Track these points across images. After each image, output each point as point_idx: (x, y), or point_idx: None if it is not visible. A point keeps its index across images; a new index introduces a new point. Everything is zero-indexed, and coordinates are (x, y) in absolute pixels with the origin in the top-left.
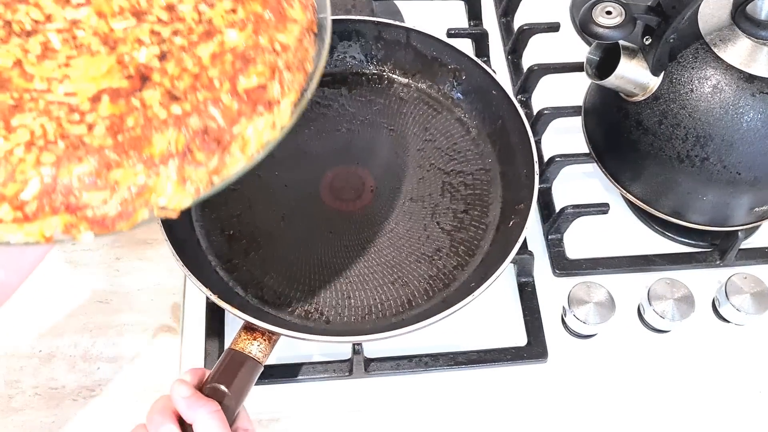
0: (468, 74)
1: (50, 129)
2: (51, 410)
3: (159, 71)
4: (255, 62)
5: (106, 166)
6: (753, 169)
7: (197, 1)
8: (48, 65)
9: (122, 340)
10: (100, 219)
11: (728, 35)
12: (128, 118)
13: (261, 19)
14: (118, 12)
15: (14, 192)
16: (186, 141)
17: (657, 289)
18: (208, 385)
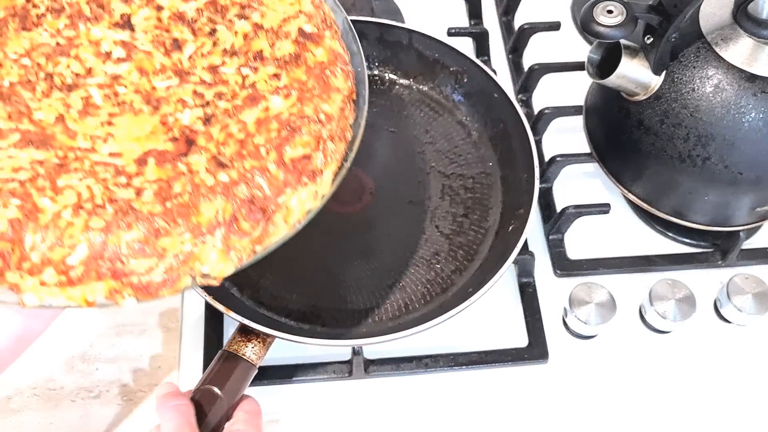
0: (470, 77)
1: (97, 192)
2: (49, 411)
3: (204, 135)
4: (301, 132)
5: (155, 233)
6: (754, 169)
7: (240, 64)
8: (90, 122)
9: (121, 341)
10: (144, 286)
11: (730, 34)
12: (175, 184)
13: (305, 87)
14: (160, 70)
15: (61, 256)
16: (233, 210)
17: (658, 290)
18: (201, 386)
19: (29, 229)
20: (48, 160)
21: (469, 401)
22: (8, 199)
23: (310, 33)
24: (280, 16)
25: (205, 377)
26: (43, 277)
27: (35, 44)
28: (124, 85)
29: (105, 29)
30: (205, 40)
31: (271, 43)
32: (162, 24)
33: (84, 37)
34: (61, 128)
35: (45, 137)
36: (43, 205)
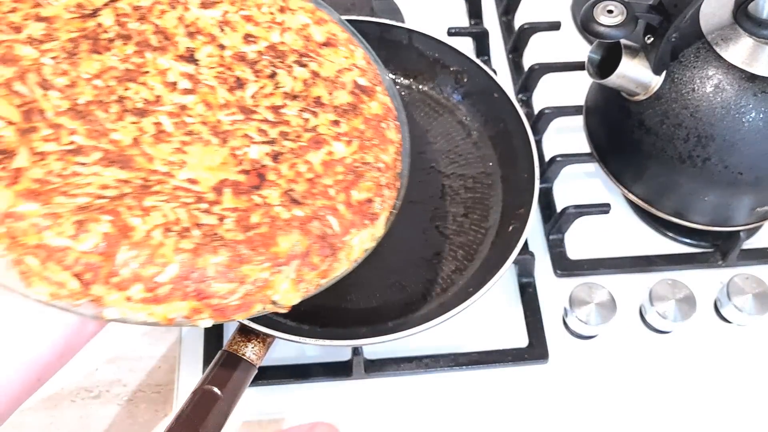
0: (470, 76)
1: (183, 216)
2: (49, 411)
3: (274, 171)
4: (364, 177)
5: (239, 260)
6: (754, 170)
7: (301, 108)
8: (164, 148)
9: (121, 341)
10: (222, 308)
11: (730, 34)
12: (253, 215)
13: (364, 137)
14: (224, 105)
15: (151, 274)
16: (308, 244)
17: (658, 290)
18: (201, 386)
19: (123, 245)
20: (132, 181)
21: (469, 401)
22: (99, 215)
23: (364, 86)
24: (335, 66)
25: (205, 377)
26: (129, 293)
27: (105, 67)
28: (192, 116)
29: (171, 60)
30: (266, 82)
31: (329, 92)
32: (224, 62)
33: (151, 65)
34: (139, 151)
35: (125, 158)
36: (133, 223)
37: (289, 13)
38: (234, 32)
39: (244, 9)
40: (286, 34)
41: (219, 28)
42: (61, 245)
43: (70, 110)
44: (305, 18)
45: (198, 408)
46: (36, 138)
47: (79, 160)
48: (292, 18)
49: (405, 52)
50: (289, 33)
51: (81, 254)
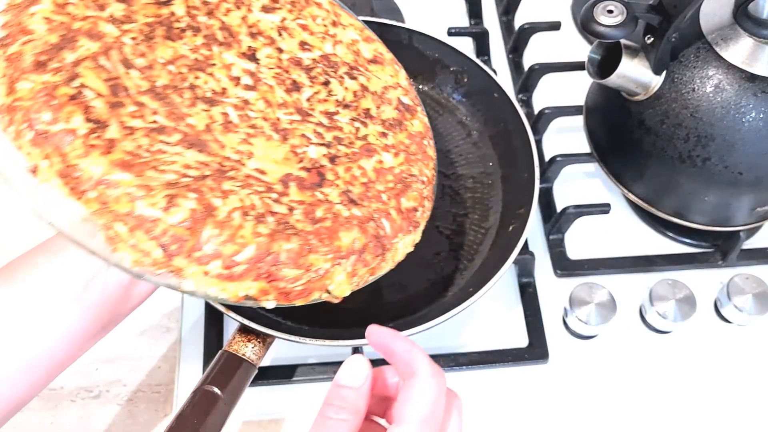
0: (470, 76)
1: (257, 202)
2: (49, 411)
3: (332, 172)
4: (411, 188)
5: (308, 249)
6: (754, 170)
7: (352, 117)
8: (232, 138)
9: (121, 341)
10: (287, 292)
11: (730, 34)
12: (317, 210)
13: (410, 151)
14: (282, 104)
15: (230, 253)
16: (365, 242)
17: (658, 290)
18: (202, 386)
19: (208, 223)
20: (210, 164)
21: (469, 401)
22: (186, 192)
23: (408, 105)
24: (382, 83)
25: (205, 377)
26: (208, 268)
27: (177, 55)
28: (254, 111)
29: (235, 56)
30: (320, 88)
31: (376, 105)
32: (282, 65)
33: (218, 59)
34: (212, 137)
35: (202, 142)
36: (216, 204)
37: (341, 27)
38: (291, 38)
39: (300, 18)
40: (338, 46)
41: (278, 32)
42: (152, 216)
43: (149, 91)
44: (355, 34)
45: (198, 408)
46: (124, 113)
47: (163, 139)
48: (343, 32)
49: (405, 52)
50: (340, 46)
51: (170, 227)
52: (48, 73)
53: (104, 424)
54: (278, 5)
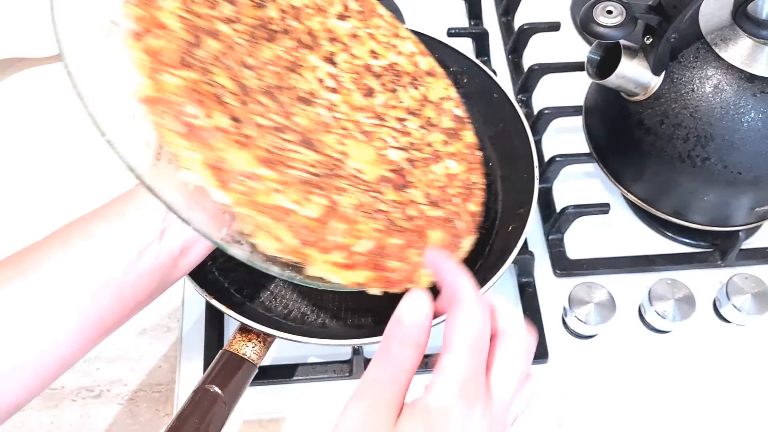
0: (469, 77)
1: (368, 200)
2: (50, 411)
3: (411, 175)
4: (474, 194)
5: (410, 244)
6: (754, 169)
7: (420, 125)
8: (330, 138)
9: (121, 341)
10: (391, 281)
11: (729, 35)
12: (408, 209)
13: (468, 159)
14: (361, 108)
15: (349, 244)
16: (447, 242)
17: (658, 290)
18: (202, 386)
19: (334, 217)
20: (322, 163)
21: None
22: (315, 190)
23: (460, 116)
24: (438, 94)
25: (206, 377)
26: (332, 257)
27: (275, 56)
28: (340, 113)
29: (318, 59)
30: (390, 95)
31: (437, 114)
32: (356, 69)
33: (305, 61)
34: (316, 137)
35: (311, 141)
36: (337, 200)
37: (400, 39)
38: (362, 45)
39: (368, 27)
40: (400, 57)
41: (351, 38)
42: (290, 208)
43: (264, 90)
44: (413, 47)
45: (199, 408)
46: (252, 111)
47: (285, 137)
48: (402, 44)
49: None
50: (402, 57)
51: (304, 218)
52: (191, 70)
53: (105, 424)
54: (349, 14)
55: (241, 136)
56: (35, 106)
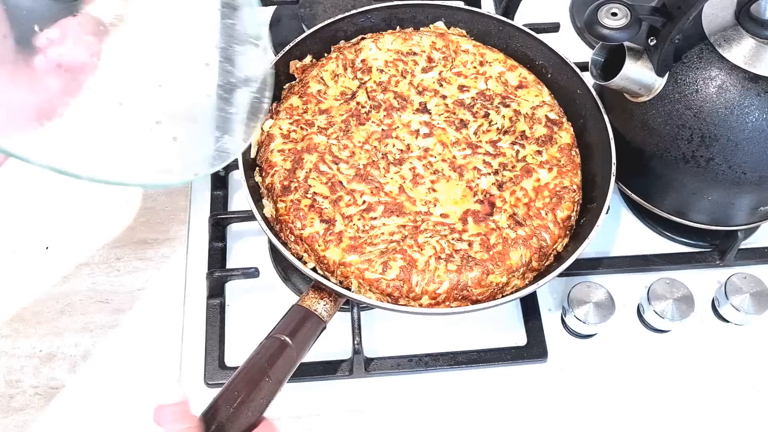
0: (554, 71)
1: (445, 245)
2: (51, 410)
3: (500, 198)
4: (564, 199)
5: (488, 272)
6: (758, 169)
7: (512, 141)
8: (421, 190)
9: (122, 340)
10: (476, 301)
11: (732, 35)
12: (491, 237)
13: (560, 163)
14: (455, 142)
15: (433, 289)
16: (530, 255)
17: (657, 289)
18: (274, 335)
19: (414, 273)
20: (407, 225)
21: (468, 400)
22: (395, 255)
23: (554, 119)
24: (530, 104)
25: (277, 327)
26: (420, 302)
27: (369, 133)
28: (434, 156)
29: (411, 114)
30: (482, 121)
31: (530, 126)
32: (449, 108)
33: (398, 121)
34: (405, 197)
35: (398, 206)
36: (416, 257)
37: (488, 65)
38: (450, 85)
39: (454, 67)
40: (489, 81)
41: (439, 84)
42: (377, 278)
43: (356, 176)
44: (500, 67)
45: (267, 353)
46: (342, 205)
47: (371, 216)
48: (490, 68)
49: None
50: (491, 80)
51: (389, 281)
52: (292, 193)
53: (106, 423)
54: (434, 63)
55: (332, 234)
56: None
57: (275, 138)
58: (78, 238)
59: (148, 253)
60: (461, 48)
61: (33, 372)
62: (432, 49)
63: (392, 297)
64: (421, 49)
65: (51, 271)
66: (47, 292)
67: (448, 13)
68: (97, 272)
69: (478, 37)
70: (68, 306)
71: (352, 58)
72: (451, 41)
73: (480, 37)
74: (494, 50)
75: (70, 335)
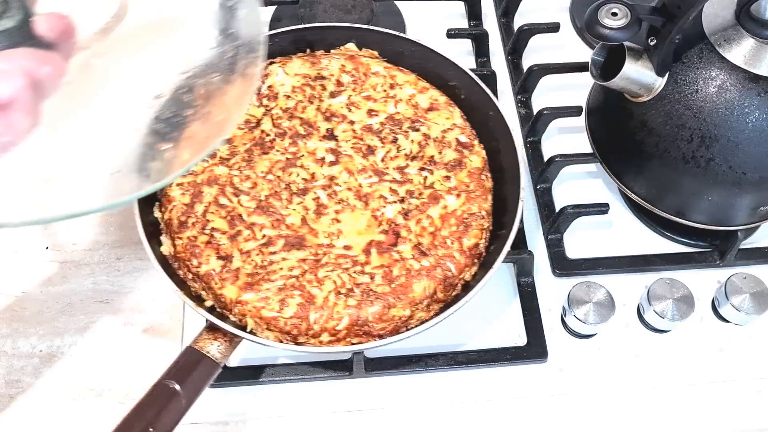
0: (468, 92)
1: (345, 279)
2: (51, 410)
3: (405, 228)
4: (472, 227)
5: (389, 306)
6: (759, 169)
7: (420, 167)
8: (324, 221)
9: (123, 340)
10: (380, 335)
11: (732, 35)
12: (394, 268)
13: (469, 189)
14: (362, 170)
15: (332, 326)
16: (434, 287)
17: (657, 289)
18: (161, 381)
19: (311, 310)
20: (308, 258)
21: (468, 400)
22: (293, 292)
23: (465, 142)
24: (440, 127)
25: (167, 372)
26: (321, 339)
27: (273, 162)
28: (339, 184)
29: (317, 141)
30: (390, 146)
31: (439, 150)
32: (357, 134)
33: (303, 149)
34: (307, 229)
35: (300, 239)
36: (315, 293)
37: (398, 87)
38: (359, 110)
39: (363, 91)
40: (399, 104)
41: (348, 108)
42: (273, 316)
43: (257, 208)
44: (411, 89)
45: (155, 401)
46: (241, 240)
47: (270, 250)
48: (400, 91)
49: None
50: (401, 104)
51: (286, 319)
52: (189, 229)
53: (107, 423)
54: (343, 87)
55: (228, 272)
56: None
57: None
58: (78, 238)
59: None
60: (371, 70)
61: (33, 372)
62: (341, 73)
63: (291, 335)
64: (329, 72)
65: (51, 271)
66: (47, 292)
67: (358, 34)
68: (97, 272)
69: (391, 58)
70: (68, 306)
71: (259, 85)
72: (362, 63)
73: (393, 58)
74: (406, 72)
75: (70, 335)
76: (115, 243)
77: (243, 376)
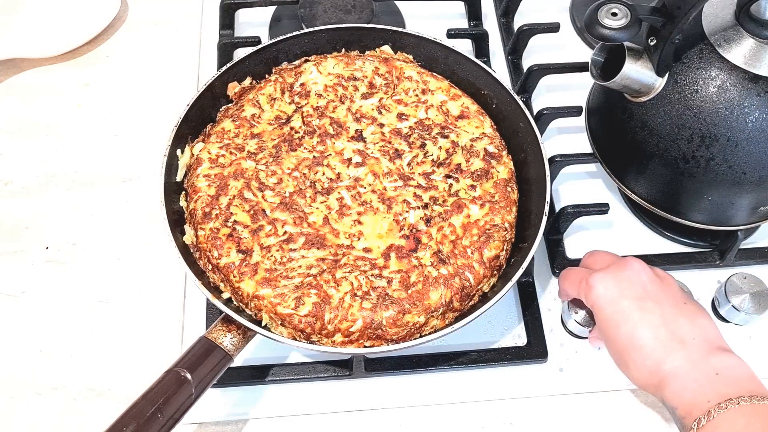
0: (500, 101)
1: (363, 281)
2: (52, 410)
3: (426, 234)
4: (494, 238)
5: (404, 312)
6: (759, 169)
7: (445, 174)
8: (346, 222)
9: (122, 340)
10: (393, 340)
11: (732, 35)
12: (412, 275)
13: (494, 200)
14: (388, 173)
15: (346, 327)
16: (451, 296)
17: None
18: (173, 368)
19: (327, 310)
20: (327, 258)
21: (468, 400)
22: (309, 290)
23: (493, 153)
24: (470, 136)
25: (179, 360)
26: (333, 339)
27: (300, 159)
28: (364, 186)
29: (345, 142)
30: (418, 152)
31: (466, 159)
32: (385, 137)
33: (331, 149)
34: (329, 229)
35: (320, 238)
36: (331, 293)
37: (430, 93)
38: (389, 113)
39: (395, 95)
40: (430, 110)
41: (378, 111)
42: (289, 313)
43: (281, 204)
44: (443, 96)
45: (164, 388)
46: (262, 235)
47: (291, 247)
48: (432, 97)
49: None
50: (431, 109)
51: (301, 317)
52: (212, 221)
53: (107, 423)
54: (375, 90)
55: (248, 266)
56: (35, 107)
57: (203, 162)
58: (78, 238)
59: (148, 253)
60: (405, 74)
61: (33, 372)
62: (374, 75)
63: (304, 333)
64: (363, 74)
65: (51, 271)
66: (47, 292)
67: (395, 37)
68: (97, 272)
69: (425, 62)
70: (68, 306)
71: (291, 82)
72: (395, 67)
73: (427, 62)
74: (439, 78)
75: (70, 335)
76: (115, 243)
77: (244, 376)
